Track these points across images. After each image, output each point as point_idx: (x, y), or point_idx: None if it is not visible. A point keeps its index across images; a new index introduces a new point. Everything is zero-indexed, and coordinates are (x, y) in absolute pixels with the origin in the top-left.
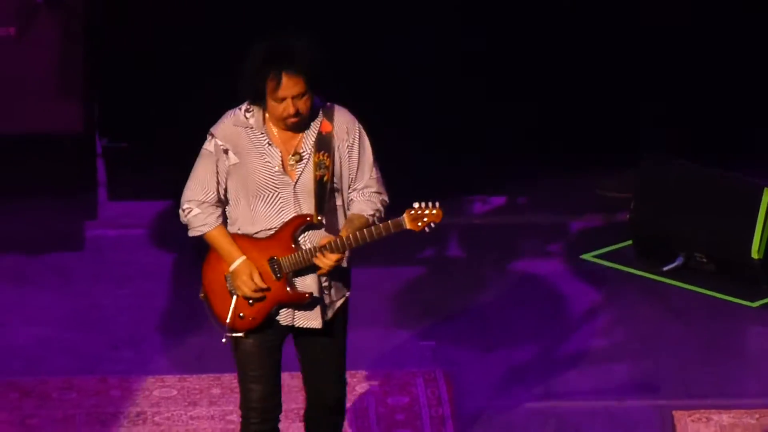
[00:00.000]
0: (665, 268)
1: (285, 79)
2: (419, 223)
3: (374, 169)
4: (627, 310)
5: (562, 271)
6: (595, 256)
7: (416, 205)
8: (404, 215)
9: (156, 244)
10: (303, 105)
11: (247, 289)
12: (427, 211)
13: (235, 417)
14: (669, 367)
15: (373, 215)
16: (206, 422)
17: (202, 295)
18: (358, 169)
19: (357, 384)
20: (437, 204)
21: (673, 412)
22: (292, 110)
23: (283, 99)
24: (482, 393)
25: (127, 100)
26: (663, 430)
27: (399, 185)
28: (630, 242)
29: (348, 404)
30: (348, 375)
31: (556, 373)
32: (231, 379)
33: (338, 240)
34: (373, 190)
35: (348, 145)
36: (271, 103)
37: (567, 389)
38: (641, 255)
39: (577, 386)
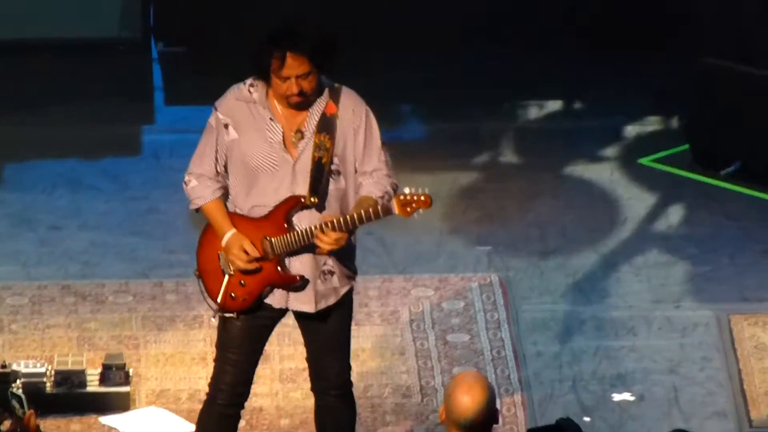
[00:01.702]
0: (723, 173)
1: (290, 59)
2: (408, 209)
3: (382, 152)
4: (684, 214)
5: (619, 176)
6: (652, 161)
7: (407, 190)
8: (393, 200)
9: None
10: (307, 85)
11: (240, 262)
12: (416, 198)
13: (291, 320)
14: (726, 271)
15: (382, 197)
16: None
17: (196, 273)
18: (365, 152)
19: (413, 288)
20: (426, 191)
21: (730, 316)
22: (295, 89)
23: (287, 78)
24: (538, 298)
25: (183, 4)
26: (720, 334)
27: (456, 91)
28: (687, 146)
29: (404, 309)
30: (403, 279)
31: (612, 278)
32: None
33: (334, 220)
34: (383, 173)
35: (354, 128)
36: (275, 80)
37: (623, 294)
38: (698, 159)
39: (633, 291)
